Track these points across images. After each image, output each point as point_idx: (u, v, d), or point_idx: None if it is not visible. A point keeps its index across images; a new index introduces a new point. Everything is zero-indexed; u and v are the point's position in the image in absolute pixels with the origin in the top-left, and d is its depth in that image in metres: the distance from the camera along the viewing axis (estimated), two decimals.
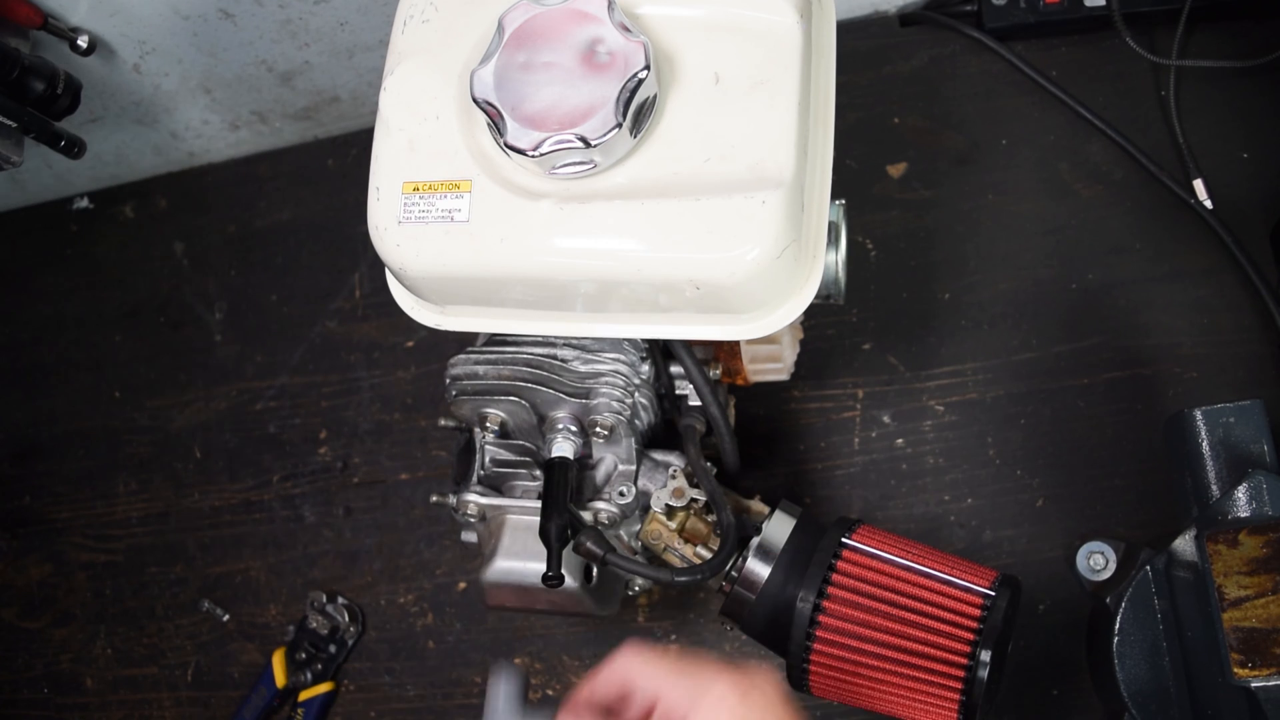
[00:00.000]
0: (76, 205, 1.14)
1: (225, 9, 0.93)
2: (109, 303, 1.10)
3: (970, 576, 0.66)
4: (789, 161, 0.60)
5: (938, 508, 0.87)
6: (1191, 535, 0.65)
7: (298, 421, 1.02)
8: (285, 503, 1.00)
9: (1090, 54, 0.95)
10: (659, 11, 0.63)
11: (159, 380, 1.06)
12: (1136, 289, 0.89)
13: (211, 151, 1.12)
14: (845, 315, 0.93)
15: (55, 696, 1.00)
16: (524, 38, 0.60)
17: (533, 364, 0.72)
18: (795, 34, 0.62)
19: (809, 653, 0.66)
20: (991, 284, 0.91)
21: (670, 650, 0.62)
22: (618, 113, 0.58)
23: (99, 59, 0.95)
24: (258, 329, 1.05)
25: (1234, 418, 0.68)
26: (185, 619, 0.99)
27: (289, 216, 1.08)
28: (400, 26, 0.66)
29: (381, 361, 1.01)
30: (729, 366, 0.78)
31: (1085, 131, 0.93)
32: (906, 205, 0.95)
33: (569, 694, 0.58)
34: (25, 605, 1.03)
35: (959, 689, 0.64)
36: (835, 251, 0.69)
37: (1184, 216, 0.90)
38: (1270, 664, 0.60)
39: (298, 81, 1.02)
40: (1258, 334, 0.86)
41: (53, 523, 1.05)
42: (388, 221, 0.63)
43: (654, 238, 0.60)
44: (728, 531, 0.70)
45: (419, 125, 0.64)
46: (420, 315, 0.70)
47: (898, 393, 0.90)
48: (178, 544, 1.01)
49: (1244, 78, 0.91)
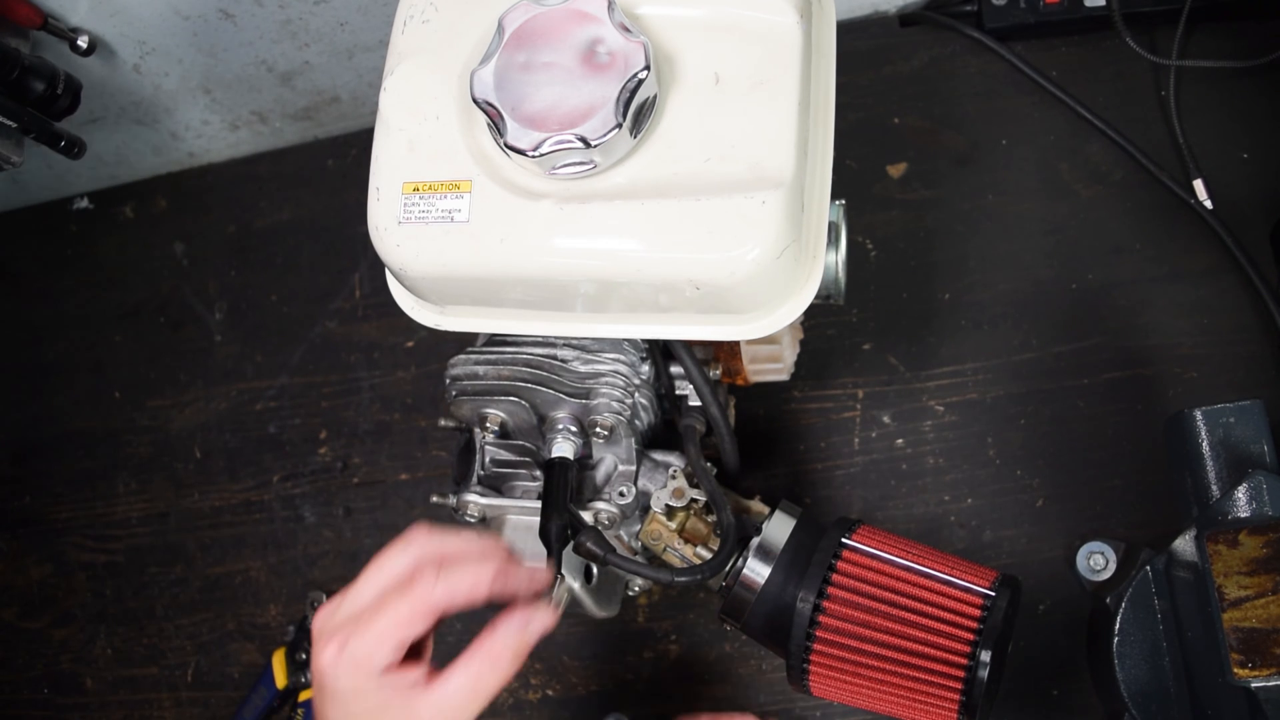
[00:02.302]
0: (76, 205, 1.15)
1: (225, 9, 0.93)
2: (109, 303, 1.10)
3: (970, 576, 0.66)
4: (789, 161, 0.60)
5: (938, 508, 0.87)
6: (1191, 535, 0.65)
7: (298, 421, 1.02)
8: (285, 503, 1.00)
9: (1090, 54, 0.95)
10: (659, 11, 0.63)
11: (159, 380, 1.06)
12: (1136, 289, 0.89)
13: (211, 151, 1.12)
14: (845, 315, 0.93)
15: (55, 697, 1.00)
16: (524, 38, 0.60)
17: (533, 364, 0.72)
18: (795, 34, 0.62)
19: (809, 653, 0.66)
20: (991, 284, 0.91)
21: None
22: (618, 113, 0.58)
23: (99, 59, 0.95)
24: (258, 329, 1.05)
25: (1234, 418, 0.68)
26: (185, 619, 0.99)
27: (289, 216, 1.08)
28: (400, 26, 0.66)
29: (381, 362, 1.01)
30: (729, 366, 0.78)
31: (1085, 131, 0.93)
32: (906, 205, 0.95)
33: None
34: (25, 605, 1.03)
35: (959, 689, 0.64)
36: (835, 251, 0.69)
37: (1184, 216, 0.90)
38: (1270, 664, 0.60)
39: (298, 81, 1.03)
40: (1258, 334, 0.86)
41: (53, 523, 1.05)
42: (388, 222, 0.63)
43: (654, 238, 0.60)
44: (728, 532, 0.70)
45: (419, 125, 0.64)
46: (420, 315, 0.70)
47: (898, 393, 0.90)
48: (178, 544, 1.01)
49: (1244, 78, 0.91)
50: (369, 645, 0.56)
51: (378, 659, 0.56)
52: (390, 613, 0.57)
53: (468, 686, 0.58)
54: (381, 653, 0.56)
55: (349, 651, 0.56)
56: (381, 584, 0.59)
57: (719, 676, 0.88)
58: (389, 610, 0.57)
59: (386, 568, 0.59)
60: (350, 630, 0.57)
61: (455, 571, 0.58)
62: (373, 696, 0.57)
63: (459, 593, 0.58)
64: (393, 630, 0.56)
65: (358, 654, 0.56)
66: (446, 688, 0.57)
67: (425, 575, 0.57)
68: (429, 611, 0.57)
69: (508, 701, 0.90)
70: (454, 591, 0.58)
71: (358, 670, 0.56)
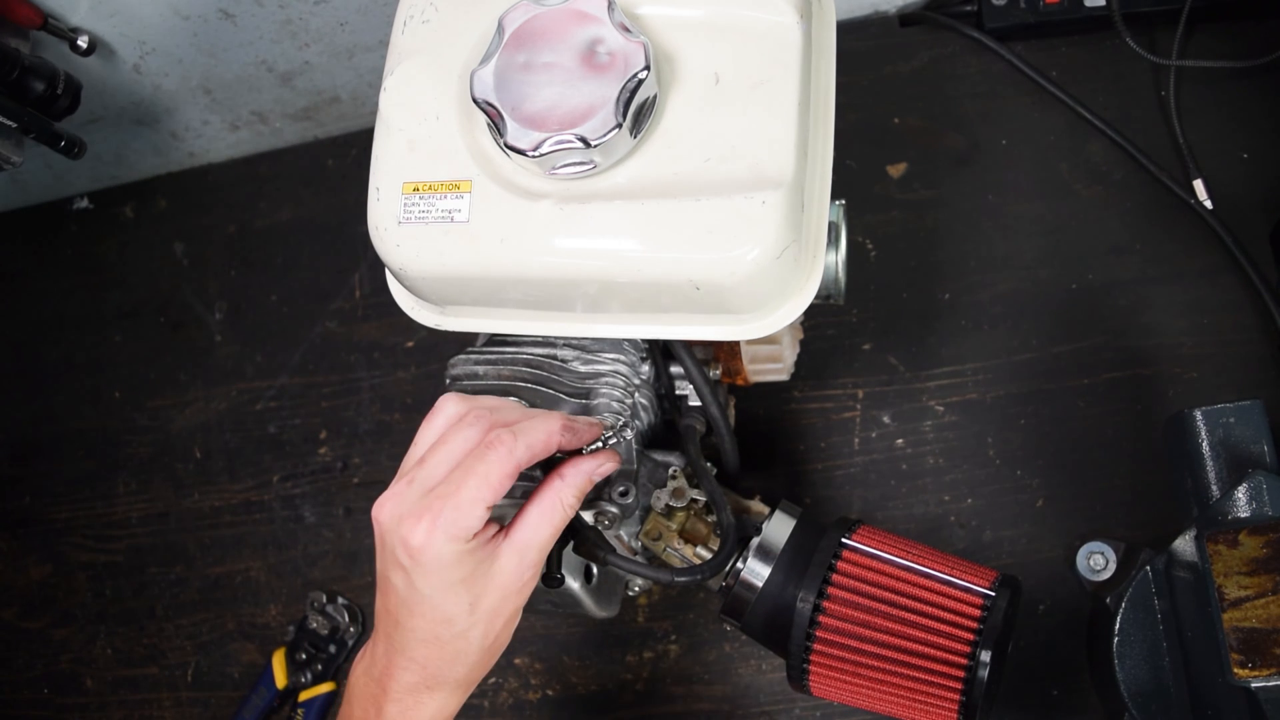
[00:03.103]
0: (76, 205, 1.15)
1: (225, 9, 0.93)
2: (109, 303, 1.10)
3: (970, 577, 0.66)
4: (789, 161, 0.60)
5: (938, 508, 0.87)
6: (1191, 535, 0.65)
7: (298, 422, 1.02)
8: (285, 503, 1.00)
9: (1090, 54, 0.95)
10: (659, 12, 0.63)
11: (159, 380, 1.06)
12: (1136, 289, 0.89)
13: (211, 151, 1.12)
14: (845, 315, 0.93)
15: (55, 697, 1.00)
16: (524, 38, 0.60)
17: (533, 364, 0.72)
18: (795, 34, 0.62)
19: (809, 653, 0.66)
20: (991, 284, 0.91)
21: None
22: (618, 113, 0.58)
23: (99, 59, 0.95)
24: (258, 329, 1.05)
25: (1234, 418, 0.68)
26: (185, 619, 0.99)
27: (289, 216, 1.08)
28: (400, 26, 0.66)
29: (381, 362, 1.01)
30: (729, 367, 0.78)
31: (1085, 131, 0.93)
32: (906, 205, 0.95)
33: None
34: (25, 605, 1.03)
35: (959, 689, 0.64)
36: (835, 251, 0.69)
37: (1184, 216, 0.90)
38: (1270, 664, 0.60)
39: (298, 81, 1.02)
40: (1258, 334, 0.86)
41: (53, 523, 1.05)
42: (388, 222, 0.63)
43: (654, 238, 0.60)
44: (728, 532, 0.70)
45: (419, 125, 0.64)
46: (420, 316, 0.70)
47: (898, 393, 0.90)
48: (178, 544, 1.01)
49: (1244, 78, 0.91)
50: (463, 513, 0.58)
51: (472, 524, 0.58)
52: (477, 478, 0.58)
53: (541, 527, 0.61)
54: (475, 518, 0.58)
55: (443, 523, 0.58)
56: (453, 457, 0.60)
57: (719, 676, 0.88)
58: (474, 477, 0.58)
59: (454, 441, 0.60)
60: (439, 504, 0.58)
61: (529, 429, 0.60)
62: (468, 561, 0.59)
63: (537, 446, 0.60)
64: (485, 495, 0.58)
65: (454, 525, 0.58)
66: (523, 533, 0.61)
67: (503, 438, 0.59)
68: (515, 470, 0.59)
69: (508, 702, 0.90)
70: (533, 446, 0.60)
71: (453, 540, 0.58)
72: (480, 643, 0.61)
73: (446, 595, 0.60)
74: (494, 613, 0.61)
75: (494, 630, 0.62)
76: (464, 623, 0.60)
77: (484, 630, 0.61)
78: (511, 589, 0.61)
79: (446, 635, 0.61)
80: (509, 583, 0.61)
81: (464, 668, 0.62)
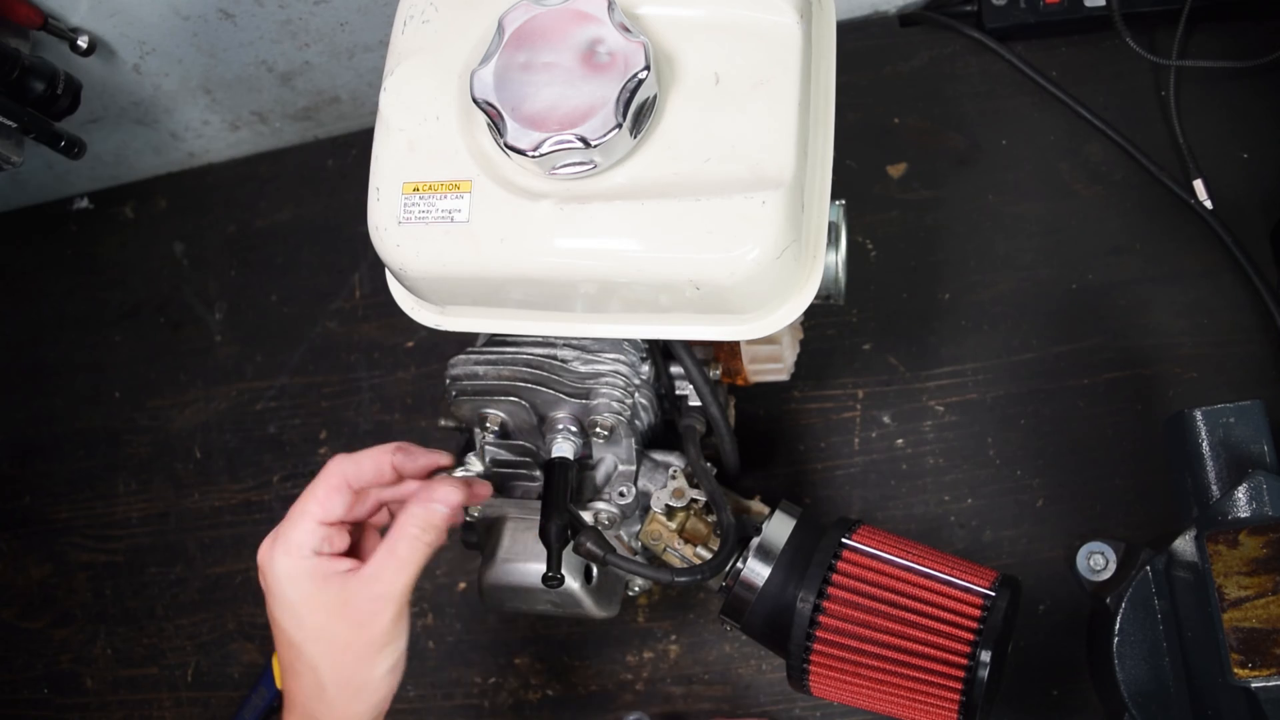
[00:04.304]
0: (76, 205, 1.14)
1: (225, 9, 0.93)
2: (109, 303, 1.10)
3: (970, 577, 0.66)
4: (789, 162, 0.60)
5: (938, 508, 0.87)
6: (1191, 535, 0.65)
7: (298, 421, 1.02)
8: (285, 503, 0.99)
9: (1090, 54, 0.95)
10: (659, 11, 0.63)
11: (159, 380, 1.06)
12: (1136, 289, 0.89)
13: (211, 151, 1.12)
14: (845, 315, 0.93)
15: (55, 697, 1.00)
16: (524, 38, 0.60)
17: (533, 364, 0.72)
18: (795, 34, 0.62)
19: (809, 653, 0.66)
20: (991, 284, 0.91)
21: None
22: (618, 113, 0.58)
23: (99, 59, 0.95)
24: (258, 329, 1.05)
25: (1234, 418, 0.68)
26: (185, 619, 0.99)
27: (289, 216, 1.08)
28: (400, 26, 0.66)
29: (381, 362, 1.01)
30: (729, 367, 0.78)
31: (1085, 131, 0.93)
32: (906, 205, 0.95)
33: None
34: (25, 605, 1.03)
35: (959, 689, 0.64)
36: (835, 252, 0.69)
37: (1184, 216, 0.90)
38: (1270, 664, 0.60)
39: (298, 82, 1.02)
40: (1258, 334, 0.86)
41: (53, 523, 1.05)
42: (388, 222, 0.63)
43: (654, 238, 0.60)
44: (728, 532, 0.70)
45: (419, 125, 0.64)
46: (420, 315, 0.70)
47: (898, 393, 0.90)
48: (178, 544, 1.01)
49: (1244, 78, 0.91)
50: (292, 524, 0.63)
51: (307, 541, 0.63)
52: (306, 496, 0.64)
53: (390, 562, 0.63)
54: (307, 530, 0.63)
55: (280, 540, 0.63)
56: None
57: (719, 676, 0.88)
58: (304, 496, 0.64)
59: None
60: (279, 527, 0.64)
61: (362, 452, 0.66)
62: (306, 581, 0.62)
63: (364, 462, 0.65)
64: (311, 509, 0.63)
65: (287, 540, 0.63)
66: (371, 566, 0.63)
67: (333, 458, 0.66)
68: (340, 484, 0.64)
69: (508, 702, 0.90)
70: (360, 462, 0.65)
71: (289, 554, 0.62)
72: (332, 676, 0.61)
73: (289, 618, 0.62)
74: (344, 645, 0.61)
75: (344, 665, 0.61)
76: (311, 651, 0.61)
77: (333, 663, 0.61)
78: (363, 620, 0.61)
79: (300, 666, 0.61)
80: (358, 614, 0.61)
81: (325, 706, 0.61)
